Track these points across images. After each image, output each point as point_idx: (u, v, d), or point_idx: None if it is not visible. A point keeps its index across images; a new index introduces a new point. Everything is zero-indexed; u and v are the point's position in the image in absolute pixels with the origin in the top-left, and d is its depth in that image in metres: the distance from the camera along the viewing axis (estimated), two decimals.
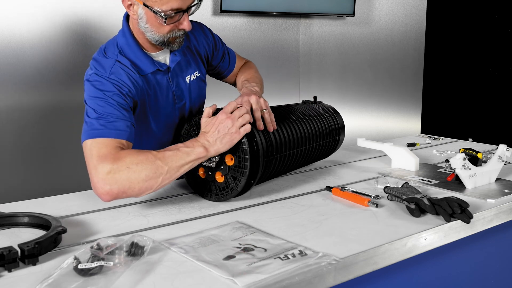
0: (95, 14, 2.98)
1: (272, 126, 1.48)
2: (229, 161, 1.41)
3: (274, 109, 1.63)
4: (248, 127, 1.37)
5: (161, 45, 1.51)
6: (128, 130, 1.37)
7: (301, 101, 1.87)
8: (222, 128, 1.36)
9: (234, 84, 1.90)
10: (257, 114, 1.45)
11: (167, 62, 1.59)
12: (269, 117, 1.48)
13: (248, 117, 1.37)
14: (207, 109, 1.43)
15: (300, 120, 1.65)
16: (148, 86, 1.53)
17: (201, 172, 1.47)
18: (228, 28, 3.52)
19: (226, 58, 1.83)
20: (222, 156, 1.41)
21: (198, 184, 1.50)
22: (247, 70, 1.85)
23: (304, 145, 1.63)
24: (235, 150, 1.40)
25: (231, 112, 1.40)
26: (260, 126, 1.45)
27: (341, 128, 1.83)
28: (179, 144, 1.36)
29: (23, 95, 2.85)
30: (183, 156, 1.32)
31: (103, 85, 1.41)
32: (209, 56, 1.76)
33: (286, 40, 3.79)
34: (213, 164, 1.43)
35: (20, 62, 2.82)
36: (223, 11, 3.40)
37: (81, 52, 2.95)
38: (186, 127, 1.53)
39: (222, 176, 1.43)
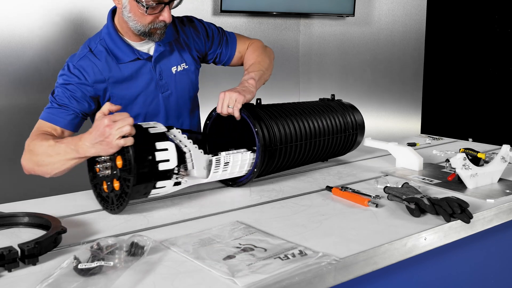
0: (95, 14, 2.98)
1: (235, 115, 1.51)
2: (120, 164, 1.30)
3: (284, 105, 1.68)
4: (123, 142, 1.25)
5: (143, 35, 1.61)
6: (68, 118, 1.54)
7: (318, 99, 1.90)
8: (100, 134, 1.27)
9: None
10: (224, 110, 1.52)
11: (151, 52, 1.68)
12: (232, 112, 1.51)
13: (126, 130, 1.25)
14: (107, 105, 1.32)
15: (309, 114, 1.68)
16: (121, 74, 1.63)
17: (105, 186, 1.35)
18: (228, 28, 3.49)
19: (224, 44, 1.86)
20: (113, 161, 1.31)
21: (104, 200, 1.38)
22: (251, 54, 1.85)
23: (311, 138, 1.65)
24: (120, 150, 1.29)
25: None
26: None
27: (359, 126, 1.84)
28: (71, 140, 1.37)
29: (23, 95, 2.85)
30: (68, 153, 1.37)
31: (65, 74, 1.60)
32: (201, 48, 1.81)
33: (286, 40, 3.79)
34: (108, 172, 1.33)
35: (20, 62, 2.83)
36: (223, 11, 3.40)
37: None
38: None
39: (118, 181, 1.31)
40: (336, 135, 1.76)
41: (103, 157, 1.34)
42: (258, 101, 1.62)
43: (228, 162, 1.48)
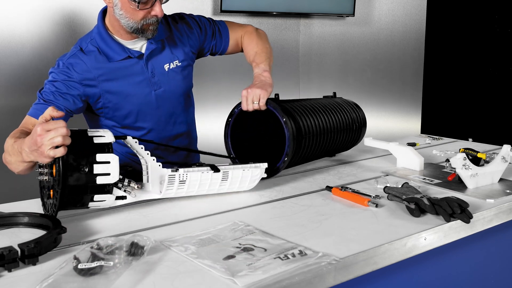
0: (95, 14, 2.98)
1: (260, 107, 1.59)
2: (54, 173, 1.23)
3: (299, 100, 1.75)
4: (52, 153, 1.17)
5: (136, 32, 1.61)
6: None
7: (321, 97, 1.97)
8: (33, 143, 1.22)
9: (240, 51, 1.95)
10: (249, 107, 1.59)
11: (143, 50, 1.69)
12: (259, 107, 1.58)
13: (57, 141, 1.17)
14: (49, 110, 1.23)
15: (325, 108, 1.77)
16: (112, 73, 1.64)
17: (45, 190, 1.31)
18: None
19: (218, 36, 1.88)
20: (51, 168, 1.25)
21: (44, 205, 1.33)
22: (250, 44, 1.88)
23: (328, 132, 1.73)
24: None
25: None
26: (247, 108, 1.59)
27: (363, 121, 1.94)
28: (19, 143, 1.34)
29: (23, 95, 2.85)
30: (18, 155, 1.35)
31: (54, 71, 1.62)
32: (196, 43, 1.83)
33: (286, 40, 3.79)
34: (45, 178, 1.28)
35: (20, 62, 2.83)
36: (223, 11, 3.40)
37: None
38: None
39: (52, 190, 1.26)
40: (348, 128, 1.84)
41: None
42: (276, 96, 1.66)
43: (185, 181, 1.38)
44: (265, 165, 1.52)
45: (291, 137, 1.54)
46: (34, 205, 1.41)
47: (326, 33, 3.94)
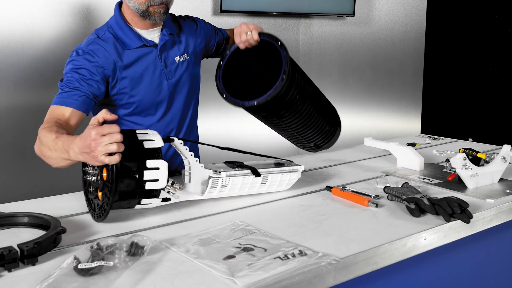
0: (96, 14, 2.98)
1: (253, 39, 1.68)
2: (105, 176, 1.23)
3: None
4: (107, 160, 1.17)
5: (143, 15, 1.65)
6: (79, 100, 1.54)
7: None
8: (86, 146, 1.20)
9: None
10: (242, 38, 1.68)
11: (157, 41, 1.74)
12: (251, 37, 1.68)
13: (112, 148, 1.16)
14: (102, 112, 1.24)
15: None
16: (128, 59, 1.68)
17: (91, 188, 1.32)
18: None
19: (219, 33, 2.00)
20: (101, 170, 1.25)
21: (89, 201, 1.34)
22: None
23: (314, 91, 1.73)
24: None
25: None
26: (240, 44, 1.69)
27: (338, 120, 1.88)
28: (66, 140, 1.32)
29: (23, 95, 2.85)
30: (63, 152, 1.32)
31: (74, 59, 1.62)
32: (202, 42, 1.90)
33: (286, 40, 3.75)
34: (93, 178, 1.28)
35: (20, 61, 2.82)
36: (223, 11, 3.40)
37: None
38: None
39: (101, 192, 1.26)
40: (328, 104, 1.80)
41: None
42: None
43: (227, 185, 1.42)
44: (302, 167, 1.54)
45: (287, 55, 1.54)
46: (34, 205, 1.42)
47: (326, 33, 3.94)
